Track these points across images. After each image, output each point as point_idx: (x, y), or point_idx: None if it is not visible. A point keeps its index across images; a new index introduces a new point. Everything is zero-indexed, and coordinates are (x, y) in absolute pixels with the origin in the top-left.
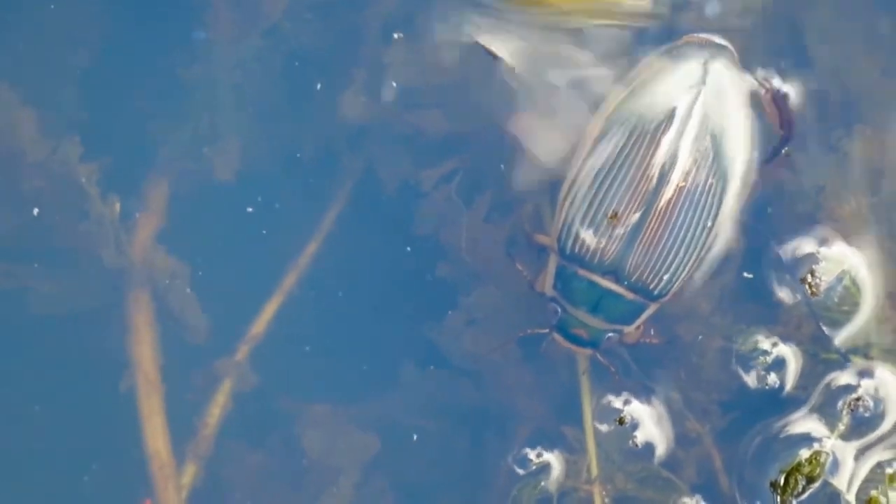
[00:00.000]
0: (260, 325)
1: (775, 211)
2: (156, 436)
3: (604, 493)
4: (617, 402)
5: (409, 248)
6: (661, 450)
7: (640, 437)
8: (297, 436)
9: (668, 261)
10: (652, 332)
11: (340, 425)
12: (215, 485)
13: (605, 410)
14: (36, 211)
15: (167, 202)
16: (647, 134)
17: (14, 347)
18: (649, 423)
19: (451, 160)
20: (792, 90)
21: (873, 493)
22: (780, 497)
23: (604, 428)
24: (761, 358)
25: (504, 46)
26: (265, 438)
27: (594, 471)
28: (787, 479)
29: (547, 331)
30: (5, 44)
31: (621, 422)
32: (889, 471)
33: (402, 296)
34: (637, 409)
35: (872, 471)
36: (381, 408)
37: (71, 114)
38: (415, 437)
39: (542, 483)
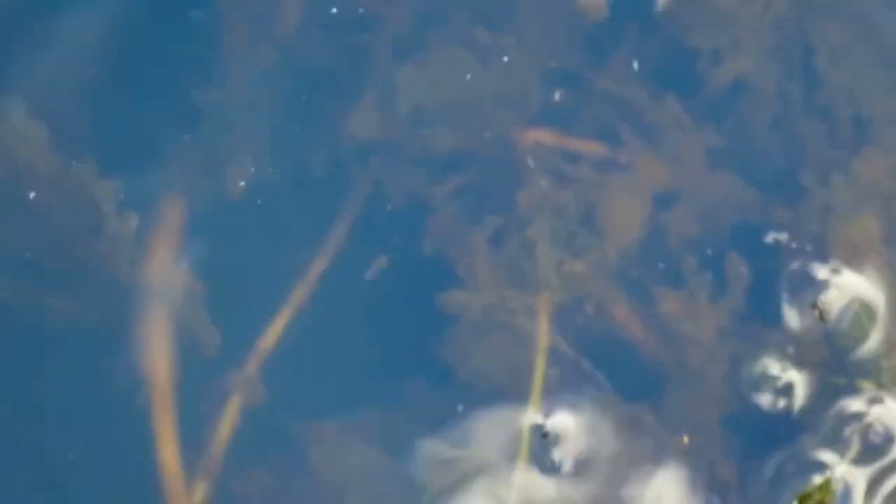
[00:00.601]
0: (269, 340)
1: (783, 234)
2: (168, 452)
3: None
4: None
5: (418, 266)
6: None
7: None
8: (306, 452)
9: None
10: None
11: (349, 441)
12: (226, 501)
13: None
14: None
15: (182, 219)
16: None
17: (29, 364)
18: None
19: (459, 178)
20: None
21: None
22: None
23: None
24: (770, 383)
25: None
26: (275, 455)
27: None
28: None
29: None
30: (19, 60)
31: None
32: None
33: (412, 312)
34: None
35: (891, 496)
36: (391, 424)
37: (85, 131)
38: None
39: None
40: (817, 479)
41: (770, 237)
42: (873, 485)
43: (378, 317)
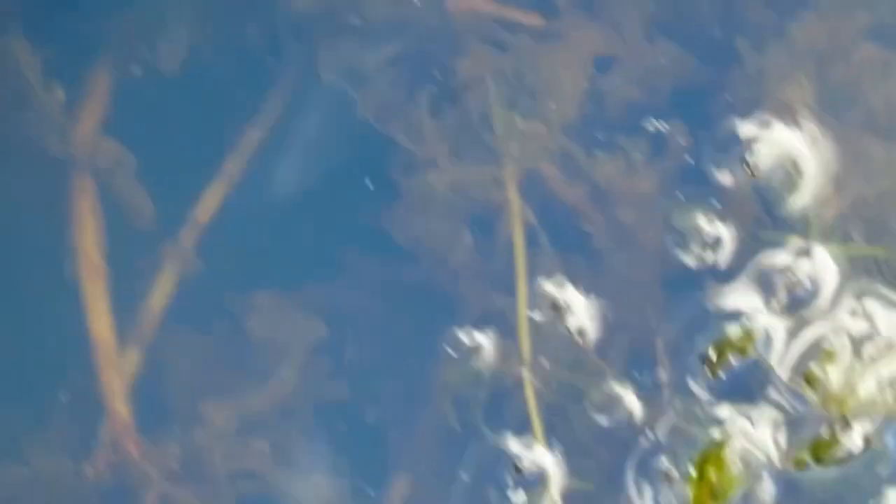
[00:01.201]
0: (205, 211)
1: (718, 94)
2: (100, 322)
3: (534, 377)
4: (551, 287)
5: (354, 138)
6: (592, 335)
7: (573, 322)
8: (242, 321)
9: None
10: None
11: (285, 309)
12: (160, 371)
13: (540, 296)
14: None
15: (111, 90)
16: None
17: None
18: (583, 310)
19: (395, 46)
20: None
21: (812, 368)
22: (710, 371)
23: (537, 314)
24: (699, 236)
25: None
26: (210, 324)
27: (525, 355)
28: (717, 354)
29: None
30: None
31: (555, 308)
32: (826, 347)
33: (347, 181)
34: (572, 296)
35: (809, 345)
36: (326, 292)
37: (11, 4)
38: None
39: (474, 365)
40: (737, 328)
41: (704, 99)
42: (793, 335)
43: (316, 188)
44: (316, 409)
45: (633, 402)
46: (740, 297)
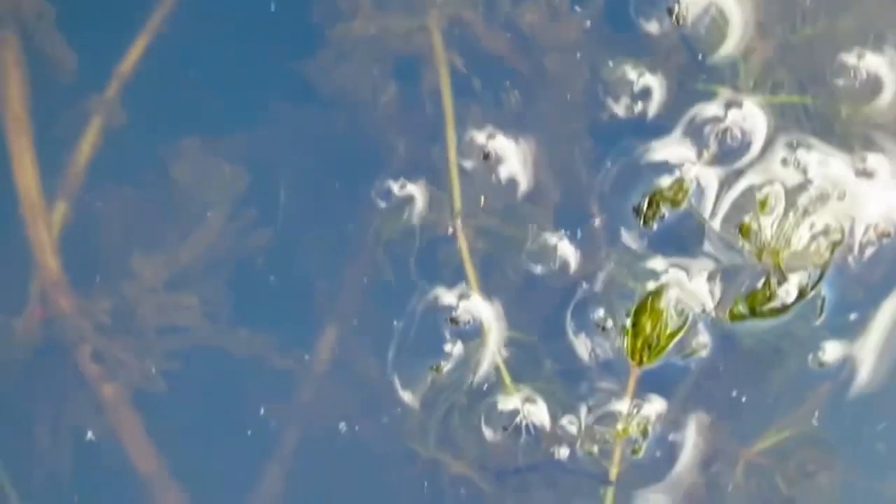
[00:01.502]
0: (128, 62)
1: None
2: (25, 175)
3: (466, 227)
4: (481, 137)
5: None
6: (524, 185)
7: (504, 172)
8: (168, 170)
9: None
10: None
11: (210, 159)
12: (86, 222)
13: (470, 146)
14: None
15: None
16: None
17: None
18: (514, 160)
19: None
20: None
21: (746, 219)
22: (642, 221)
23: (468, 164)
24: (628, 87)
25: None
26: (136, 174)
27: (456, 205)
28: (649, 204)
29: None
30: None
31: (486, 157)
32: (759, 196)
33: (272, 32)
34: (502, 145)
35: (742, 196)
36: (251, 141)
37: None
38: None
39: (405, 216)
40: (669, 178)
41: None
42: (726, 186)
43: (241, 35)
44: (243, 262)
45: (567, 253)
46: (671, 148)
